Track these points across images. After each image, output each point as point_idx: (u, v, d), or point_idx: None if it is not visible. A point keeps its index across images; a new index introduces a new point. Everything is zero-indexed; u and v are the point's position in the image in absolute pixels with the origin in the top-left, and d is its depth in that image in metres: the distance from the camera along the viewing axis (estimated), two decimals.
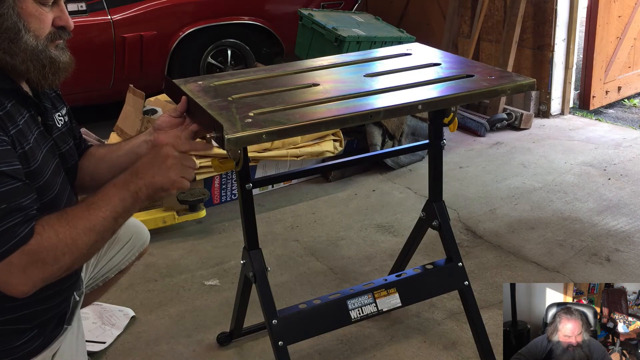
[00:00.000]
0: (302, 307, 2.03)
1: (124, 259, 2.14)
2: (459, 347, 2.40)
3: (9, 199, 1.35)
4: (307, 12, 4.22)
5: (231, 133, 1.59)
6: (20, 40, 1.44)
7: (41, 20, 1.47)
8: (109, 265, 2.10)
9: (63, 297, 1.68)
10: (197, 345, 2.48)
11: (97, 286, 2.12)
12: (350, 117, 1.75)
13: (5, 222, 1.33)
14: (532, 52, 4.76)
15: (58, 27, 1.53)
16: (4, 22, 1.41)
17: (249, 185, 1.95)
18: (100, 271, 2.08)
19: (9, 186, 1.35)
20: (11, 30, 1.42)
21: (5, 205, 1.34)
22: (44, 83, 1.54)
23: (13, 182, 1.37)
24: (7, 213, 1.34)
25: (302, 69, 2.22)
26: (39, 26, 1.47)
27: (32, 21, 1.45)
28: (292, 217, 3.47)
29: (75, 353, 1.80)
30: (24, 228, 1.35)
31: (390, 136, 3.95)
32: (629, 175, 3.79)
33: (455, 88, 1.95)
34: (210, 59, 4.86)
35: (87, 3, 4.30)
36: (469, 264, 2.89)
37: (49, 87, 1.58)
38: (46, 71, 1.51)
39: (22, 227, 1.34)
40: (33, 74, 1.50)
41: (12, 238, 1.33)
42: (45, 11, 1.48)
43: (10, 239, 1.33)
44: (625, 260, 2.93)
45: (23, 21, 1.44)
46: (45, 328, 1.64)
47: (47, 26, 1.49)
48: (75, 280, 1.75)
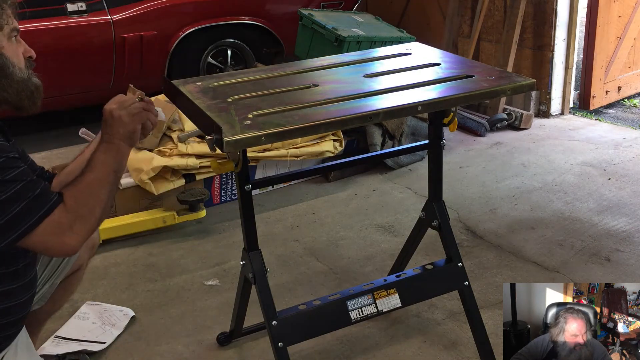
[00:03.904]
0: (302, 308, 2.03)
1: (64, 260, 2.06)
2: (459, 347, 2.41)
3: (31, 173, 1.56)
4: (307, 12, 4.22)
5: (230, 135, 1.59)
6: (11, 75, 1.65)
7: (17, 54, 1.68)
8: (50, 268, 2.03)
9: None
10: (197, 345, 2.49)
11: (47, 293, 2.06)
12: (349, 119, 1.75)
13: (38, 187, 1.54)
14: (532, 52, 4.75)
15: (27, 57, 1.73)
16: None
17: (249, 187, 1.95)
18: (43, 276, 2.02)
19: (25, 166, 1.57)
20: (3, 67, 1.63)
21: (31, 177, 1.55)
22: (33, 108, 1.73)
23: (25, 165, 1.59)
24: (36, 182, 1.55)
25: (301, 69, 2.22)
26: (18, 60, 1.68)
27: (13, 56, 1.66)
28: (292, 217, 3.47)
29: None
30: (54, 193, 1.57)
31: (390, 136, 3.95)
32: (629, 175, 3.78)
33: (455, 89, 1.95)
34: (210, 59, 4.86)
35: (87, 3, 4.30)
36: (469, 264, 2.89)
37: (35, 110, 1.75)
38: (34, 96, 1.71)
39: (52, 192, 1.57)
40: (25, 102, 1.70)
41: (49, 199, 1.55)
42: (16, 47, 1.68)
43: (48, 200, 1.55)
44: (625, 260, 2.93)
45: (8, 59, 1.64)
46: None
47: (22, 59, 1.70)
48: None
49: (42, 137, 4.53)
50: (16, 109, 1.72)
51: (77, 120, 4.24)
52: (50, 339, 2.49)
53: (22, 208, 1.52)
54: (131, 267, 3.04)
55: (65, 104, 4.51)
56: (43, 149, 3.98)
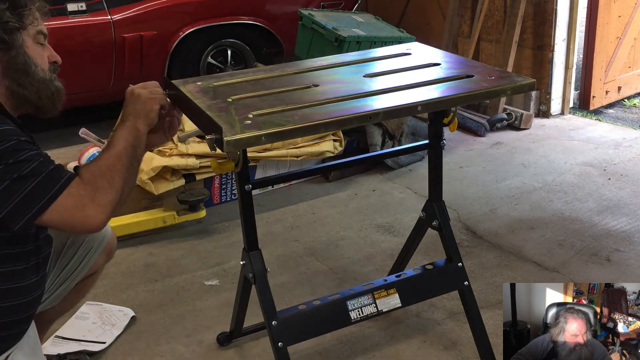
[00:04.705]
0: (302, 308, 2.03)
1: (82, 261, 2.06)
2: (459, 347, 2.41)
3: (45, 154, 1.59)
4: (307, 12, 4.22)
5: (230, 135, 1.59)
6: (33, 74, 1.68)
7: (42, 57, 1.72)
8: (67, 271, 2.04)
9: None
10: (197, 345, 2.49)
11: (61, 295, 2.07)
12: (349, 118, 1.75)
13: (52, 164, 1.57)
14: (532, 52, 4.75)
15: (52, 62, 1.77)
16: (18, 59, 1.66)
17: (249, 187, 1.95)
18: (59, 277, 2.03)
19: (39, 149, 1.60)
20: (25, 65, 1.67)
21: (44, 157, 1.57)
22: (53, 109, 1.78)
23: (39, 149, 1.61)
24: (50, 160, 1.57)
25: (301, 69, 2.22)
26: (42, 62, 1.72)
27: (37, 58, 1.70)
28: (292, 217, 3.47)
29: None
30: (68, 171, 1.58)
31: (390, 136, 3.95)
32: (629, 175, 3.78)
33: (455, 89, 1.95)
34: (210, 59, 4.85)
35: (87, 3, 4.30)
36: (469, 264, 2.89)
37: (55, 112, 1.80)
38: (54, 98, 1.76)
39: (64, 169, 1.58)
40: (45, 101, 1.74)
41: (64, 174, 1.56)
42: (42, 50, 1.73)
43: (63, 175, 1.55)
44: (625, 260, 2.93)
45: (31, 58, 1.68)
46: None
47: (46, 62, 1.74)
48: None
49: (42, 137, 4.51)
50: (36, 109, 1.76)
51: (77, 120, 4.24)
52: (50, 339, 2.49)
53: (36, 184, 1.52)
54: (131, 267, 3.04)
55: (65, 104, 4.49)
56: (43, 148, 3.91)
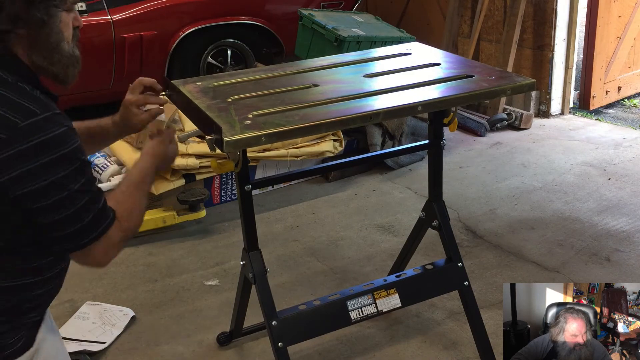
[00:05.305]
0: (302, 308, 2.03)
1: None
2: (459, 347, 2.41)
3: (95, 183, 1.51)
4: (307, 12, 4.22)
5: (230, 135, 1.59)
6: (62, 49, 1.56)
7: (69, 26, 1.57)
8: None
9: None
10: (197, 345, 2.49)
11: None
12: (349, 119, 1.75)
13: (102, 201, 1.50)
14: (532, 52, 4.75)
15: (74, 27, 1.62)
16: (53, 36, 1.52)
17: (249, 187, 1.95)
18: None
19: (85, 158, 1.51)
20: (57, 42, 1.54)
21: (98, 188, 1.49)
22: (72, 81, 1.65)
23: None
24: (101, 194, 1.50)
25: (301, 69, 2.22)
26: (68, 33, 1.58)
27: (65, 30, 1.56)
28: (292, 217, 3.47)
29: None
30: (109, 207, 1.53)
31: (391, 136, 3.95)
32: (629, 175, 3.78)
33: (455, 89, 1.95)
34: (210, 59, 4.85)
35: (87, 3, 4.30)
36: (469, 264, 2.89)
37: (72, 83, 1.68)
38: (76, 69, 1.63)
39: (109, 207, 1.53)
40: (70, 76, 1.61)
41: (108, 216, 1.51)
42: (69, 18, 1.58)
43: (107, 216, 1.51)
44: (625, 260, 2.93)
45: (63, 32, 1.55)
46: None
47: (71, 30, 1.60)
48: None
49: None
50: (59, 81, 1.66)
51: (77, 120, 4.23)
52: None
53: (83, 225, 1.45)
54: (131, 267, 3.04)
55: (65, 104, 4.50)
56: None
